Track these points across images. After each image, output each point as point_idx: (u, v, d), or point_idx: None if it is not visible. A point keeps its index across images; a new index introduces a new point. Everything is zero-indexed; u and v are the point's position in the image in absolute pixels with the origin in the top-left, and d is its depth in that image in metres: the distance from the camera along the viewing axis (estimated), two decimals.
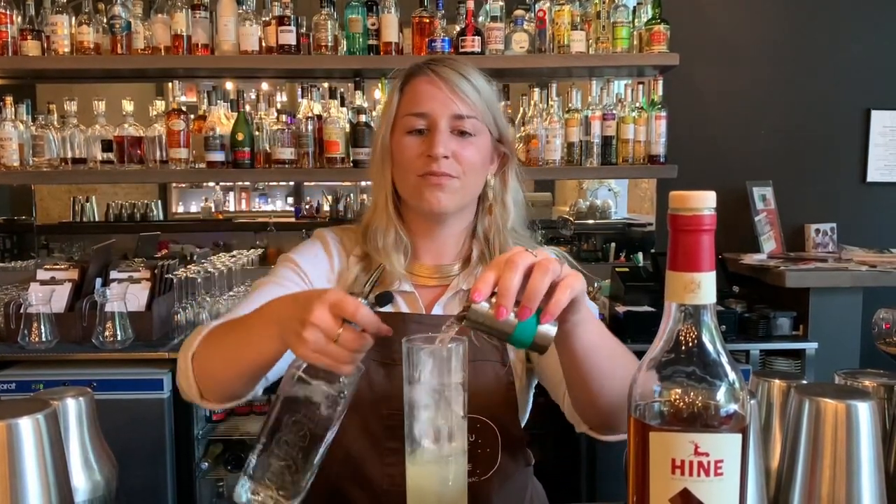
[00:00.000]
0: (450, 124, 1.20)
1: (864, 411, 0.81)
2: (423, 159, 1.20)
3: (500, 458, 1.19)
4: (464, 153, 1.20)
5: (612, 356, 1.01)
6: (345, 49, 2.80)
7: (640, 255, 3.24)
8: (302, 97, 2.93)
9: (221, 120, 2.80)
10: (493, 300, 0.83)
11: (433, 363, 0.85)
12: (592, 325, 0.96)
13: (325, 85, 3.00)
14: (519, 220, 1.32)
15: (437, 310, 1.26)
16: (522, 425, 1.28)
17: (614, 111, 2.85)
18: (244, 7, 2.74)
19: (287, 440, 0.86)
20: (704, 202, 0.66)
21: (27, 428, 0.75)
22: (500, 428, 1.18)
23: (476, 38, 2.74)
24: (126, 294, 2.46)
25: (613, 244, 3.54)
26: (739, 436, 0.66)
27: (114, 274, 2.61)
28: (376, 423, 1.18)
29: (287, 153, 2.77)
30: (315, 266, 1.28)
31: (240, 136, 2.75)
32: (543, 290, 0.83)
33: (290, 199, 5.44)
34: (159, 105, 2.97)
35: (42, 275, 2.62)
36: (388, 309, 1.18)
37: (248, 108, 2.86)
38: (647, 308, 2.55)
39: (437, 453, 0.86)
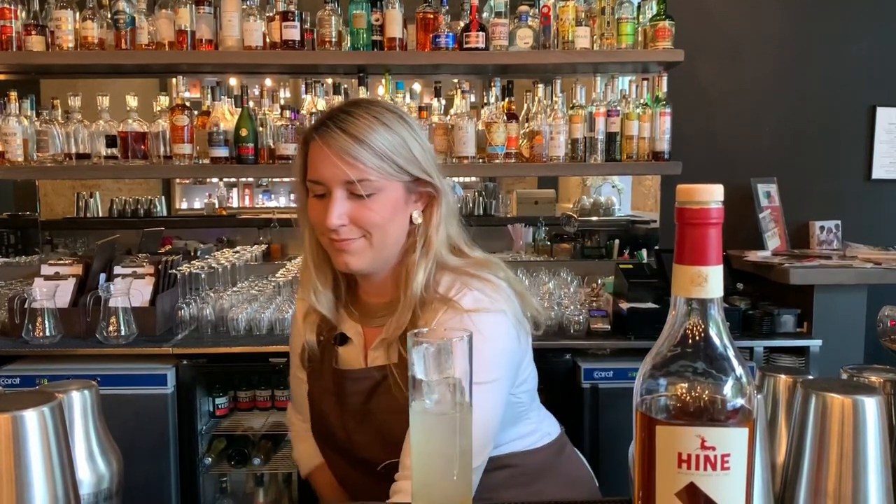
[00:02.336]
0: (345, 189, 1.20)
1: (871, 406, 0.80)
2: (324, 226, 1.21)
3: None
4: (361, 216, 1.20)
5: None
6: (349, 45, 2.80)
7: (644, 252, 3.23)
8: (306, 93, 2.93)
9: (225, 116, 2.80)
10: None
11: (434, 357, 0.85)
12: None
13: (329, 81, 3.00)
14: (446, 250, 1.28)
15: (370, 357, 1.30)
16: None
17: (618, 107, 2.84)
18: (248, 2, 2.74)
19: None
20: (712, 195, 0.66)
21: (32, 420, 0.75)
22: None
23: (480, 33, 2.74)
24: (130, 289, 2.46)
25: (617, 241, 3.53)
26: (746, 430, 0.65)
27: (117, 269, 2.61)
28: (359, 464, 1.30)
29: (291, 149, 2.76)
30: (298, 339, 1.41)
31: (243, 132, 2.75)
32: None
33: (294, 196, 5.44)
34: (163, 101, 2.96)
35: (46, 270, 2.62)
36: (346, 346, 1.34)
37: (251, 103, 2.86)
38: (650, 305, 2.54)
39: (441, 446, 0.86)
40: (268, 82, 3.29)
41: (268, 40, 2.76)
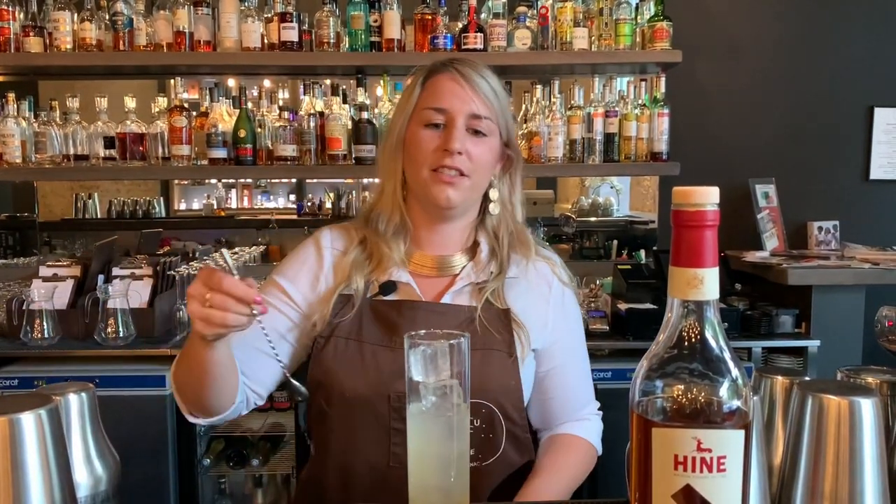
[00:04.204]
0: (466, 122, 1.24)
1: (868, 408, 0.81)
2: (438, 153, 1.23)
3: (503, 446, 1.22)
4: (476, 151, 1.24)
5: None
6: (347, 46, 2.80)
7: (643, 253, 3.23)
8: (304, 94, 2.93)
9: (223, 117, 2.80)
10: None
11: (431, 360, 0.85)
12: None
13: (328, 82, 3.00)
14: (523, 219, 1.38)
15: (447, 299, 1.28)
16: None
17: (617, 108, 2.84)
18: (246, 4, 2.74)
19: None
20: (708, 198, 0.66)
21: (29, 423, 0.75)
22: (504, 416, 1.21)
23: (478, 34, 2.74)
24: (128, 291, 2.46)
25: (615, 241, 3.54)
26: (742, 432, 0.65)
27: (116, 271, 2.61)
28: (383, 404, 1.20)
29: (289, 150, 2.77)
30: (299, 272, 1.32)
31: (242, 133, 2.75)
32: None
33: (293, 196, 5.45)
34: (161, 102, 2.97)
35: (44, 271, 2.62)
36: (392, 297, 1.26)
37: (250, 104, 2.85)
38: (649, 305, 2.54)
39: (438, 448, 0.86)
40: (266, 83, 3.29)
41: (266, 41, 2.76)
